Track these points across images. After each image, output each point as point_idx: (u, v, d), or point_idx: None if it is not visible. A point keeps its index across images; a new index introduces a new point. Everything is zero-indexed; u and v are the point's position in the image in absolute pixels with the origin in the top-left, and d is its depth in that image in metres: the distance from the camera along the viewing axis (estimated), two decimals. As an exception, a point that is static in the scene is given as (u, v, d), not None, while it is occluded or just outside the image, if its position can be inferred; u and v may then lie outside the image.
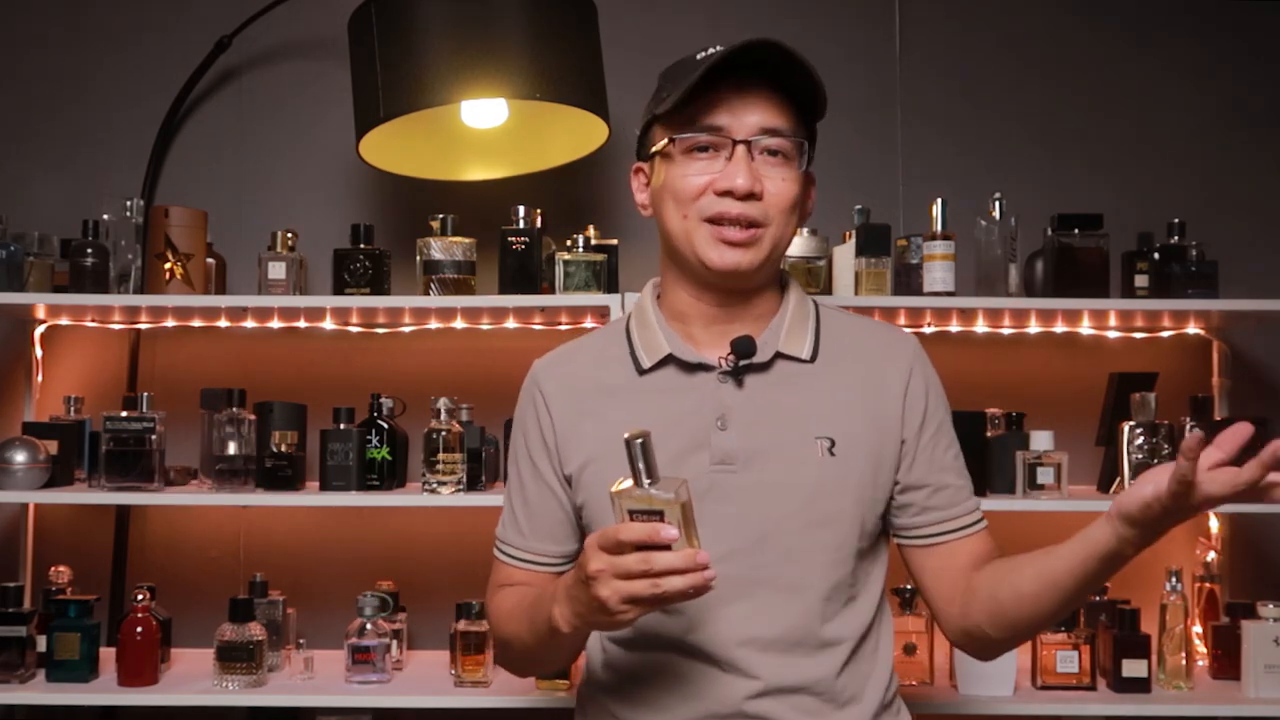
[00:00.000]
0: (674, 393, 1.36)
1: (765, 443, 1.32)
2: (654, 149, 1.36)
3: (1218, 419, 2.28)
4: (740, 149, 1.30)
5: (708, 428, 1.33)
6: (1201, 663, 2.27)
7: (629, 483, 1.13)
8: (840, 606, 1.33)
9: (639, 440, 1.11)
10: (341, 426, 2.20)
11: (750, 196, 1.30)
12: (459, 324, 2.41)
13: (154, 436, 2.15)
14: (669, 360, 1.37)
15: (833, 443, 1.32)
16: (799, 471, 1.32)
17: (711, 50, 1.31)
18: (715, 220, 1.31)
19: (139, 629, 2.11)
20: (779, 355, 1.36)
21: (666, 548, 1.10)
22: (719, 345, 1.36)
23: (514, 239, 2.22)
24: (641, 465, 1.11)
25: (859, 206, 2.29)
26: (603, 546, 1.13)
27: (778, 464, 1.32)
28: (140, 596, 2.12)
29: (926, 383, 1.39)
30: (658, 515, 1.11)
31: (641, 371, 1.38)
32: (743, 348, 1.34)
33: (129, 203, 2.28)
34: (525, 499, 1.42)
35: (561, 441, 1.38)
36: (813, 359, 1.37)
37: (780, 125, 1.31)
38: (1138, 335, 2.45)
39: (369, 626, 2.14)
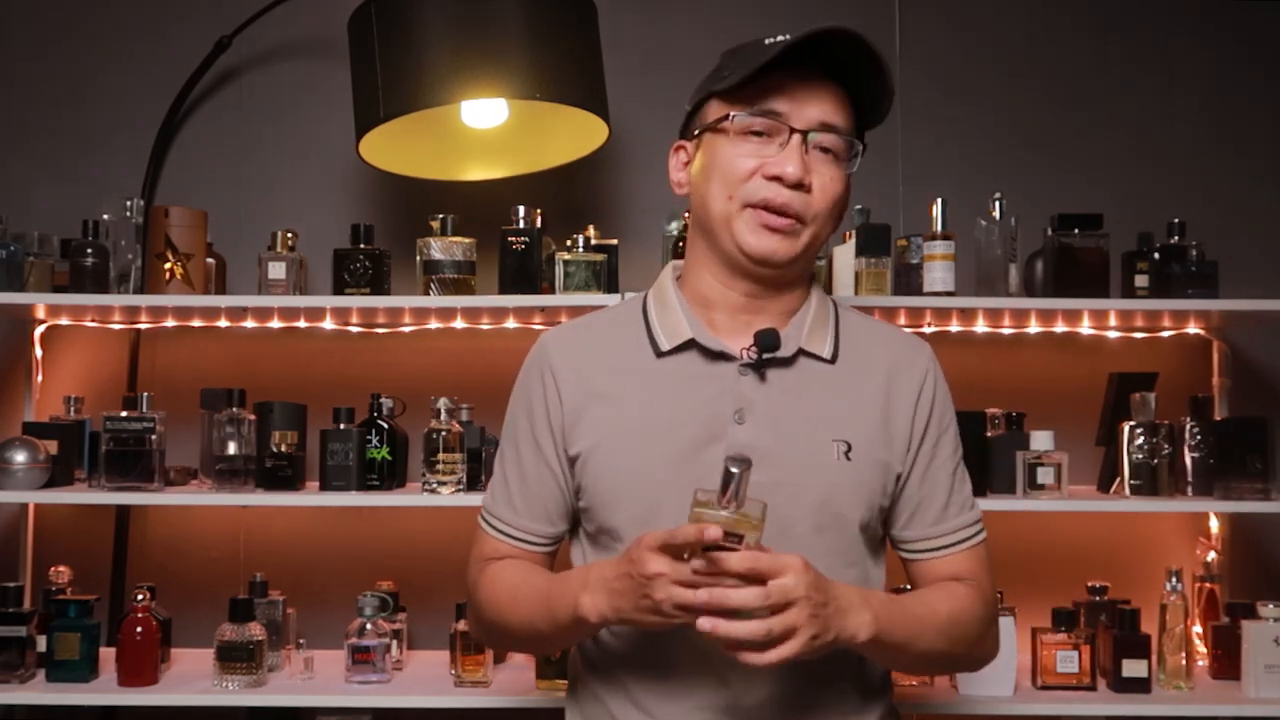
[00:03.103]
0: (692, 380, 1.34)
1: (782, 441, 1.31)
2: (708, 123, 1.34)
3: (1218, 419, 2.28)
4: (796, 138, 1.29)
5: (725, 420, 1.31)
6: (1201, 663, 2.27)
7: (713, 497, 1.15)
8: None
9: (741, 466, 1.14)
10: (341, 426, 2.20)
11: (799, 186, 1.28)
12: (459, 324, 2.41)
13: (154, 436, 2.15)
14: (689, 345, 1.35)
15: (849, 447, 1.32)
16: (814, 473, 1.31)
17: (782, 37, 1.29)
18: (761, 206, 1.29)
19: (139, 629, 2.10)
20: (802, 352, 1.35)
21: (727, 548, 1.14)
22: (742, 335, 1.34)
23: (514, 239, 2.22)
24: (734, 489, 1.14)
25: (859, 206, 2.29)
26: (665, 550, 1.15)
27: (793, 464, 1.30)
28: (140, 596, 2.12)
29: (935, 393, 1.39)
30: (737, 537, 1.14)
31: (659, 354, 1.35)
32: (767, 341, 1.32)
33: (129, 203, 2.28)
34: (522, 476, 1.40)
35: (569, 423, 1.36)
36: (833, 359, 1.36)
37: (838, 122, 1.31)
38: (1138, 335, 2.45)
39: (369, 626, 2.14)
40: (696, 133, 1.36)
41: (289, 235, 2.27)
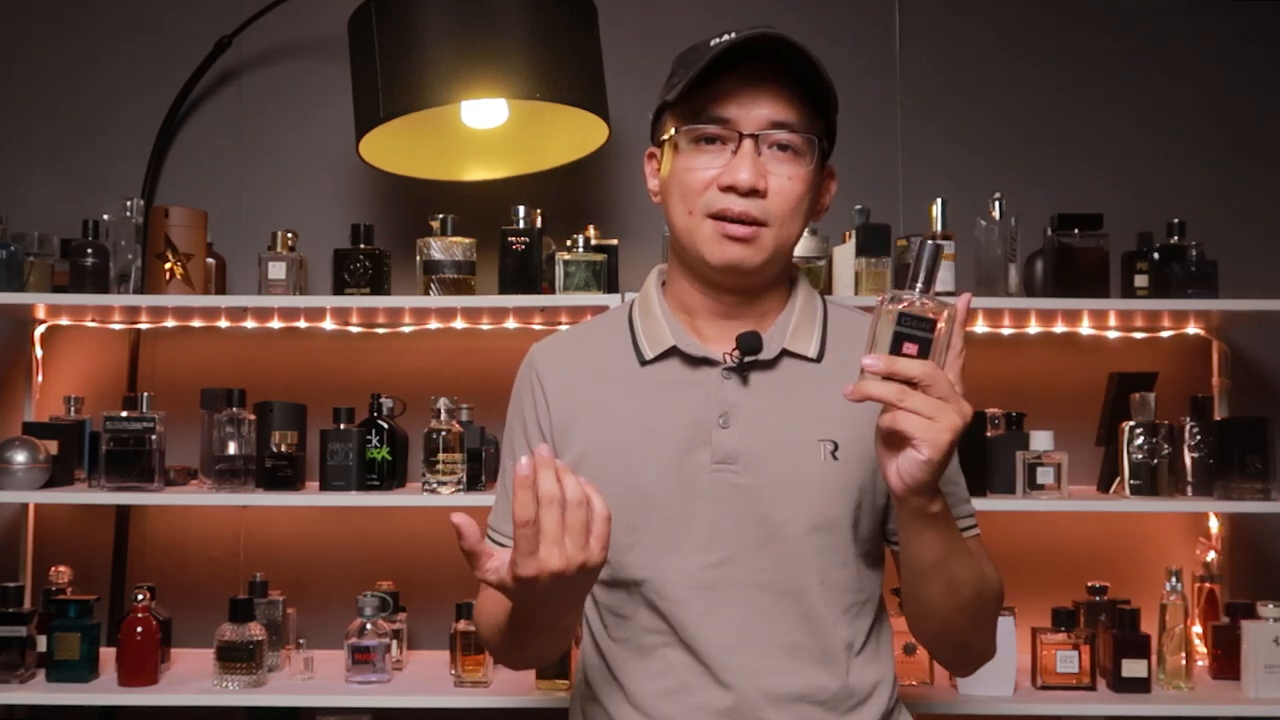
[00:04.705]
0: (676, 386, 1.33)
1: (767, 443, 1.30)
2: (663, 137, 1.34)
3: (1218, 419, 2.28)
4: (747, 143, 1.27)
5: (709, 425, 1.31)
6: (1201, 663, 2.27)
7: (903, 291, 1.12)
8: (840, 612, 1.31)
9: (936, 244, 1.12)
10: (341, 426, 2.20)
11: (754, 193, 1.27)
12: (459, 324, 2.41)
13: (154, 436, 2.15)
14: (672, 352, 1.34)
15: (836, 446, 1.31)
16: (801, 474, 1.30)
17: (726, 37, 1.28)
18: (719, 216, 1.28)
19: (139, 629, 2.11)
20: (785, 353, 1.34)
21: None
22: (724, 340, 1.33)
23: (514, 239, 2.22)
24: (925, 269, 1.11)
25: (859, 206, 2.29)
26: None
27: (779, 466, 1.30)
28: (140, 596, 2.12)
29: None
30: (928, 326, 1.10)
31: (643, 362, 1.35)
32: (748, 344, 1.31)
33: (129, 203, 2.28)
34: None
35: (557, 431, 1.36)
36: (819, 358, 1.35)
37: (790, 119, 1.28)
38: (1138, 335, 2.45)
39: (369, 626, 2.14)
40: (660, 142, 1.36)
41: (289, 235, 2.27)
